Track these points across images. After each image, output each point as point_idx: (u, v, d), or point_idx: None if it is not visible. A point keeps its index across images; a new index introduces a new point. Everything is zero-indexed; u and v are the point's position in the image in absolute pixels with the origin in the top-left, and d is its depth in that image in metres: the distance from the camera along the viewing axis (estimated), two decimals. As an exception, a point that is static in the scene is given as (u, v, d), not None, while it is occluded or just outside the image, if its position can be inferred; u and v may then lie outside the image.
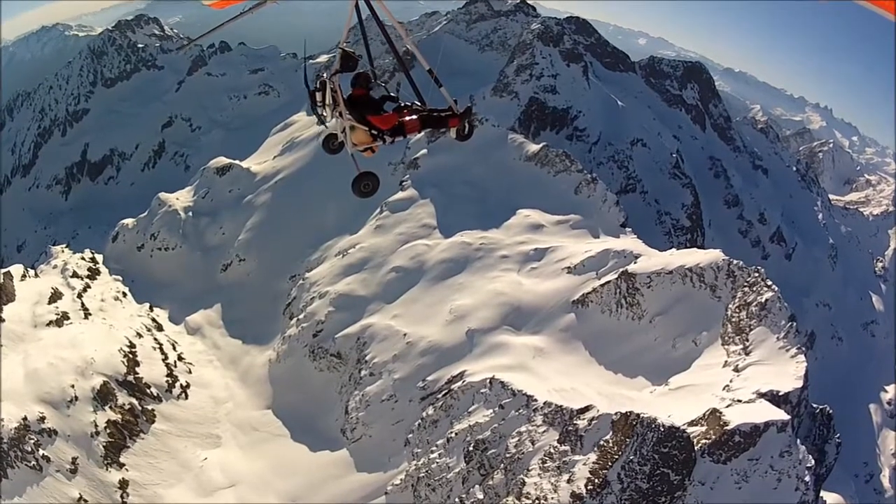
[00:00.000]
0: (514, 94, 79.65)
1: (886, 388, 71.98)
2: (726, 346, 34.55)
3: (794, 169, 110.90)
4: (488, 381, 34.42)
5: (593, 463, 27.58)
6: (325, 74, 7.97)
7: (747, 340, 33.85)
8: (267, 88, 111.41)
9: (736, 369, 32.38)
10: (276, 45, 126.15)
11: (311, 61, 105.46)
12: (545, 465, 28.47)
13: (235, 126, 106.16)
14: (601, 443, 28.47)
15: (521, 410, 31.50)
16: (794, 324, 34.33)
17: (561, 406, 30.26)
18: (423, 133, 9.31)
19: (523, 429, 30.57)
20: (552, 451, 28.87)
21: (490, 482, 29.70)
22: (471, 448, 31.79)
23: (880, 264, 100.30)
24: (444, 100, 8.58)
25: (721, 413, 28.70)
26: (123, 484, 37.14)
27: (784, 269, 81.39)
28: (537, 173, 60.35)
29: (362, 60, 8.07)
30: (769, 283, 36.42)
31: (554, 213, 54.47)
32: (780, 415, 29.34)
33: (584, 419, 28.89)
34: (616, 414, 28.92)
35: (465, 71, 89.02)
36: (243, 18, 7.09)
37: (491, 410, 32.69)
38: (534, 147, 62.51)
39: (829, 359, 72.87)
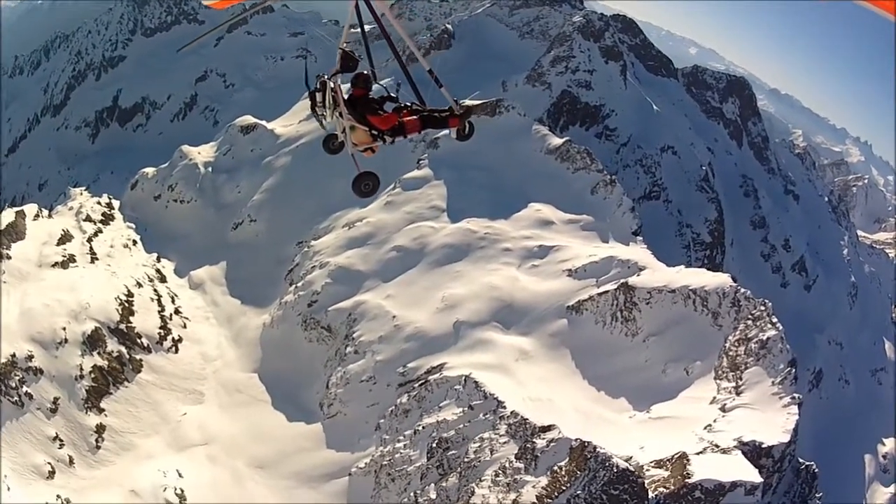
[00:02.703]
0: (548, 84, 78.10)
1: (885, 440, 69.25)
2: (718, 381, 32.91)
3: (826, 199, 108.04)
4: (463, 378, 33.84)
5: (542, 488, 26.57)
6: (324, 75, 8.05)
7: (741, 379, 32.20)
8: (304, 52, 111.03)
9: (723, 408, 30.84)
10: (319, 11, 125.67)
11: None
12: (497, 478, 27.83)
13: (269, 87, 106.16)
14: (555, 468, 27.41)
15: (488, 415, 30.80)
16: (794, 370, 32.50)
17: (526, 419, 29.37)
18: (421, 133, 9.00)
19: (486, 435, 29.92)
20: (507, 465, 28.17)
21: (444, 483, 29.29)
22: (434, 445, 31.36)
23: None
24: (446, 100, 8.62)
25: (688, 461, 26.97)
26: (100, 428, 37.74)
27: (801, 301, 79.12)
28: (556, 168, 59.07)
29: (362, 61, 8.14)
30: (774, 320, 34.57)
31: (566, 210, 53.28)
32: (752, 475, 27.09)
33: (544, 439, 27.99)
34: (576, 440, 27.83)
35: (502, 56, 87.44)
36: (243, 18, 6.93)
37: (460, 409, 32.11)
38: (556, 140, 61.17)
39: (833, 400, 70.57)
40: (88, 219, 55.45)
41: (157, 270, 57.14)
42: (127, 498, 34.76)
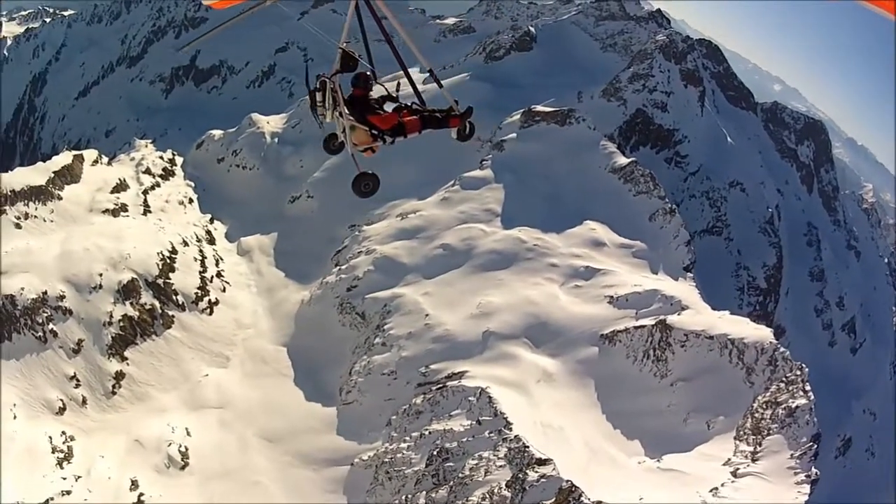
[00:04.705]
0: (623, 101, 76.05)
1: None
2: (737, 442, 30.97)
3: (886, 261, 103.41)
4: (479, 391, 33.05)
5: (519, 526, 25.59)
6: (324, 74, 7.99)
7: (760, 444, 30.24)
8: (389, 37, 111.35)
9: (735, 473, 28.94)
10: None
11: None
12: (483, 502, 26.97)
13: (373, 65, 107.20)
14: (538, 507, 26.43)
15: (492, 434, 29.88)
16: (816, 445, 30.41)
17: (527, 447, 28.26)
18: (422, 133, 8.74)
19: (486, 454, 29.01)
20: (496, 491, 27.17)
21: (434, 495, 28.62)
22: (435, 453, 30.69)
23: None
24: (446, 100, 8.63)
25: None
26: (119, 375, 38.64)
27: (845, 364, 75.89)
28: (618, 188, 57.34)
29: (362, 61, 8.03)
30: (808, 388, 32.32)
31: (621, 233, 51.59)
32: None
33: (537, 472, 26.84)
34: (567, 482, 26.55)
35: (582, 66, 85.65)
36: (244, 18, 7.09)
37: (469, 422, 31.27)
38: (622, 160, 59.37)
39: (857, 471, 67.12)
40: (148, 171, 56.94)
41: (208, 232, 58.27)
42: (130, 446, 35.51)
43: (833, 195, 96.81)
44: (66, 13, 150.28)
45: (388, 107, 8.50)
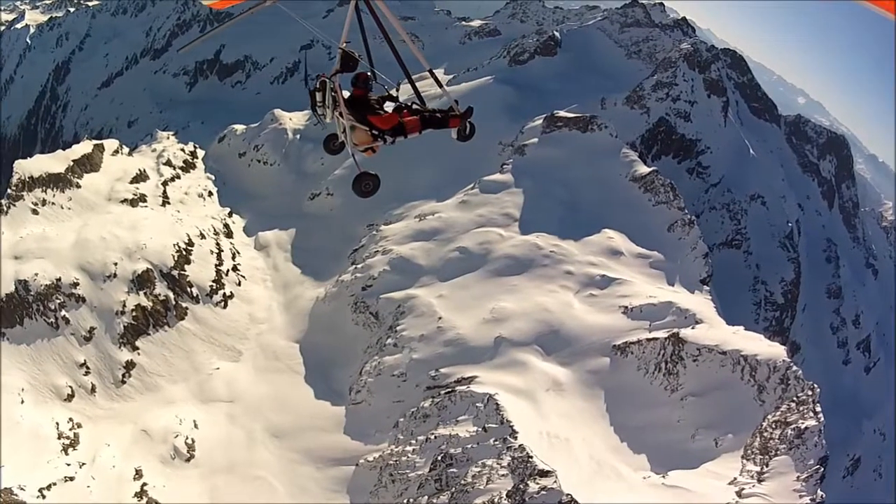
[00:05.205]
0: (646, 109, 75.34)
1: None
2: (745, 461, 30.32)
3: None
4: (487, 397, 32.82)
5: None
6: (324, 74, 8.06)
7: (767, 465, 29.58)
8: (412, 38, 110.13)
9: (740, 493, 28.21)
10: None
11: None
12: None
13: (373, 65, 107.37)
14: (535, 520, 26.04)
15: (497, 442, 29.58)
16: (823, 468, 29.73)
17: (530, 458, 27.97)
18: (422, 133, 8.72)
19: (489, 462, 28.74)
20: (496, 502, 26.87)
21: (435, 501, 28.47)
22: (439, 458, 30.50)
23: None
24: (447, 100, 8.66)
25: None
26: (130, 365, 38.89)
27: (858, 383, 74.83)
28: (638, 197, 56.78)
29: (363, 61, 8.06)
30: (818, 409, 31.61)
31: (638, 243, 51.03)
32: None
33: (538, 484, 26.50)
34: (567, 496, 26.19)
35: (606, 72, 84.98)
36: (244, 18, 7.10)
37: (475, 429, 31.01)
38: (643, 169, 58.77)
39: (863, 490, 65.84)
40: (169, 163, 57.31)
41: (226, 225, 58.55)
42: (137, 436, 35.73)
43: (853, 212, 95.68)
44: (90, 3, 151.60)
45: (389, 107, 8.51)
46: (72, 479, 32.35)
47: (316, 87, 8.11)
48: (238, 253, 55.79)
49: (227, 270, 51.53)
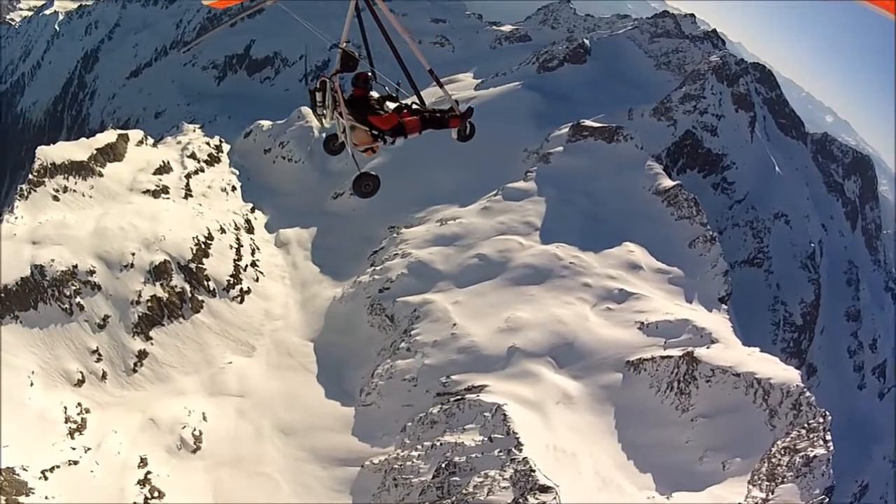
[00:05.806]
0: (673, 121, 74.58)
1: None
2: (751, 486, 29.73)
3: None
4: (495, 407, 32.64)
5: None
6: (324, 74, 8.07)
7: (772, 493, 29.01)
8: (443, 40, 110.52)
9: None
10: (464, 2, 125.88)
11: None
12: None
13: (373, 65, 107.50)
14: (533, 536, 25.74)
15: (501, 453, 29.40)
16: (828, 499, 29.11)
17: (532, 471, 27.73)
18: (422, 133, 8.81)
19: (492, 473, 28.52)
20: None
21: (433, 509, 28.45)
22: (443, 465, 30.38)
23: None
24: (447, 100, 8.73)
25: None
26: (142, 354, 39.15)
27: (871, 408, 73.09)
28: (660, 211, 56.17)
29: (363, 61, 8.09)
30: (828, 437, 30.88)
31: (659, 258, 50.45)
32: None
33: (538, 499, 26.41)
34: None
35: (634, 82, 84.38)
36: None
37: (481, 438, 30.88)
38: (667, 182, 58.14)
39: None
40: (193, 156, 57.77)
41: (247, 221, 58.91)
42: (144, 424, 35.95)
43: (875, 234, 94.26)
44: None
45: (389, 107, 8.49)
46: (76, 462, 32.62)
47: (316, 86, 8.11)
48: (258, 249, 56.12)
49: (246, 266, 51.83)
